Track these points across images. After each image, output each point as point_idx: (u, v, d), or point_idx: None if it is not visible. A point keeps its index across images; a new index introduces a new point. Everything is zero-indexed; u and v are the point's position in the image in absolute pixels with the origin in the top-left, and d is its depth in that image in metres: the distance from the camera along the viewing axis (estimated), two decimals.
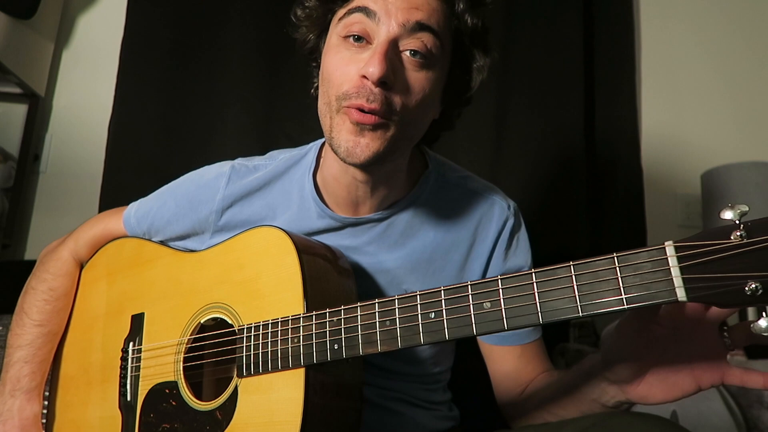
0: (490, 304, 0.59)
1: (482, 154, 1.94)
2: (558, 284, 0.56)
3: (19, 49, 1.83)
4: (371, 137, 0.74)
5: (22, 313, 1.03)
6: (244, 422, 0.77)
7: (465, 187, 0.96)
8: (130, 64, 1.92)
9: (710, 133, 2.21)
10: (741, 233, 0.48)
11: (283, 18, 0.94)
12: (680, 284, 0.50)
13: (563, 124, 1.99)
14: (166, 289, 0.94)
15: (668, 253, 0.51)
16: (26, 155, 1.93)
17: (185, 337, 0.89)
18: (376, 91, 0.72)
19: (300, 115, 1.90)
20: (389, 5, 0.74)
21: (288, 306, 0.76)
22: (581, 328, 1.62)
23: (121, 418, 0.91)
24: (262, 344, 0.77)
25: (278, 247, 0.80)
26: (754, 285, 0.46)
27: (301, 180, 0.93)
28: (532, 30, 2.03)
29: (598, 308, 0.54)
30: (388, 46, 0.73)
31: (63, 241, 1.12)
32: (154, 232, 1.02)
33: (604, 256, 0.55)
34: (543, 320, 0.57)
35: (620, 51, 2.16)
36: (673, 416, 1.16)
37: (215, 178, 0.98)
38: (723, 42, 2.28)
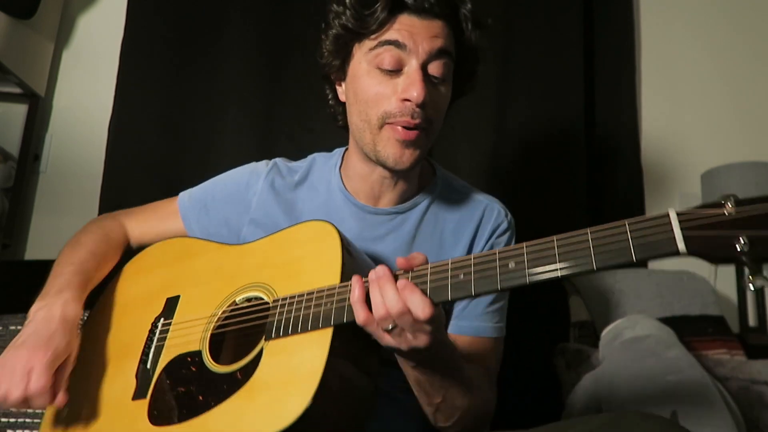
0: (515, 264, 0.69)
1: (482, 154, 1.94)
2: (576, 246, 0.66)
3: (19, 49, 1.83)
4: (413, 149, 0.91)
5: (77, 243, 1.08)
6: (264, 380, 0.78)
7: (467, 193, 1.08)
8: (130, 64, 1.92)
9: (710, 133, 2.21)
10: (731, 203, 0.59)
11: (284, 19, 0.96)
12: (680, 239, 0.60)
13: (563, 123, 2.00)
14: (207, 275, 0.98)
15: (671, 217, 0.62)
16: (26, 155, 1.93)
17: (217, 311, 0.91)
18: (417, 110, 0.88)
19: (300, 115, 1.90)
20: (415, 36, 0.89)
21: (325, 281, 0.81)
22: (581, 328, 1.62)
23: (136, 385, 0.92)
24: (296, 309, 0.81)
25: (323, 234, 0.88)
26: (743, 239, 0.57)
27: (329, 175, 1.08)
28: (532, 30, 2.03)
29: (612, 261, 0.64)
30: (422, 73, 0.89)
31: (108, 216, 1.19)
32: (205, 213, 1.10)
33: (616, 223, 0.65)
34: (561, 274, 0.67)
35: (620, 51, 2.16)
36: (673, 416, 1.16)
37: (257, 167, 1.11)
38: (723, 42, 2.28)
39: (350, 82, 0.96)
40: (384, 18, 0.89)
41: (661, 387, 1.23)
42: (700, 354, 1.52)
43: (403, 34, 0.89)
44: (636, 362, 1.30)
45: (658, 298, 1.65)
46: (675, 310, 1.63)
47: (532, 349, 1.57)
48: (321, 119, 1.86)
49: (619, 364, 1.31)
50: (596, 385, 1.31)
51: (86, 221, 1.85)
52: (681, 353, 1.34)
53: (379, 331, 0.72)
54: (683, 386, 1.23)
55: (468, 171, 1.90)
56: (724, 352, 1.58)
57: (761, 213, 0.58)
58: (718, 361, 1.49)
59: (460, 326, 1.00)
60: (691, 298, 1.67)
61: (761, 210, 0.58)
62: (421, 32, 0.89)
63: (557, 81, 2.01)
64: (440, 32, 0.90)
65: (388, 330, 0.71)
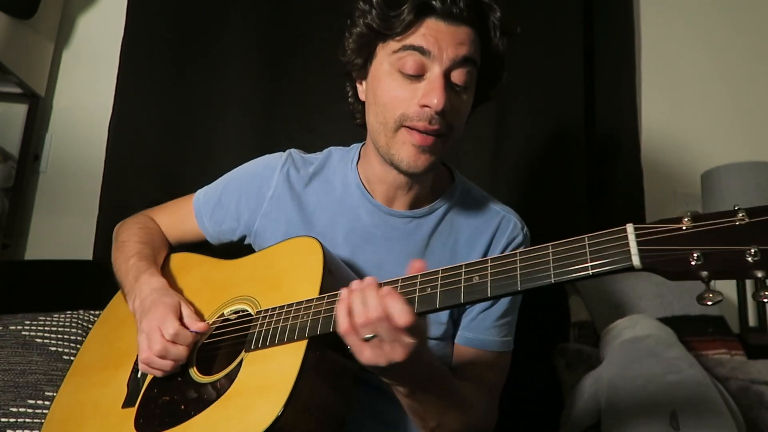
0: (479, 278, 0.70)
1: (483, 154, 1.94)
2: (540, 258, 0.67)
3: (19, 49, 1.83)
4: (429, 154, 0.90)
5: (123, 243, 1.11)
6: (242, 389, 0.81)
7: (485, 204, 1.07)
8: (130, 64, 1.91)
9: (710, 133, 2.21)
10: (688, 219, 0.60)
11: (284, 19, 0.96)
12: (636, 253, 0.60)
13: (563, 123, 2.00)
14: (200, 287, 1.01)
15: (628, 231, 0.62)
16: (26, 155, 1.93)
17: (207, 322, 0.94)
18: (436, 117, 0.87)
19: (300, 115, 1.90)
20: (441, 42, 0.86)
21: (306, 294, 0.83)
22: (581, 328, 1.62)
23: (126, 392, 0.94)
24: (275, 321, 0.83)
25: (307, 249, 0.90)
26: (696, 254, 0.57)
27: (345, 170, 1.07)
28: (532, 30, 2.03)
29: (569, 276, 0.65)
30: (444, 80, 0.87)
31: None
32: (219, 208, 1.10)
33: (577, 237, 0.66)
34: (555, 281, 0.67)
35: (620, 51, 2.16)
36: (673, 416, 1.16)
37: (273, 159, 1.10)
38: (723, 42, 2.28)
39: (371, 82, 0.95)
40: (410, 21, 0.86)
41: (661, 387, 1.23)
42: (700, 354, 1.52)
43: (428, 39, 0.86)
44: (636, 362, 1.30)
45: (658, 298, 1.65)
46: (675, 310, 1.63)
47: (532, 349, 1.57)
48: (321, 119, 1.86)
49: (619, 364, 1.31)
50: (596, 385, 1.31)
51: (86, 221, 1.86)
52: (681, 353, 1.34)
53: (359, 344, 0.71)
54: (683, 386, 1.23)
55: (468, 171, 1.88)
56: (724, 352, 1.58)
57: (714, 228, 0.58)
58: (718, 361, 1.49)
59: (466, 338, 1.00)
60: (691, 298, 1.66)
61: (715, 225, 0.58)
62: (447, 38, 0.87)
63: (557, 81, 2.01)
64: (466, 39, 0.88)
65: (367, 339, 0.70)
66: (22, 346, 1.28)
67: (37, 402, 1.22)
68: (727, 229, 0.58)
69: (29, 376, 1.24)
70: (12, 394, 1.21)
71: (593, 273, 0.63)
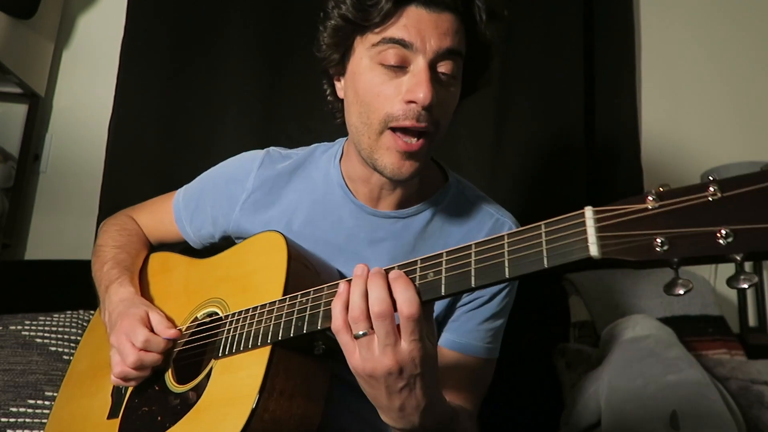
0: (433, 275, 0.64)
1: (483, 154, 1.94)
2: (496, 250, 0.61)
3: (19, 49, 1.83)
4: (415, 160, 0.83)
5: (99, 248, 1.09)
6: (211, 400, 0.79)
7: (479, 205, 1.01)
8: (130, 64, 1.92)
9: (710, 133, 2.21)
10: (654, 197, 0.52)
11: (284, 19, 0.94)
12: (594, 241, 0.53)
13: (563, 123, 2.00)
14: (176, 290, 1.00)
15: (586, 216, 0.55)
16: (26, 155, 1.93)
17: (182, 327, 0.93)
18: (423, 113, 0.80)
19: (300, 115, 1.90)
20: (423, 33, 0.79)
21: (271, 295, 0.80)
22: (581, 328, 1.62)
23: (111, 404, 0.94)
24: (240, 327, 0.81)
25: (273, 246, 0.87)
26: (660, 240, 0.50)
27: (327, 166, 1.01)
28: (533, 30, 2.03)
29: (525, 270, 0.58)
30: (429, 73, 0.80)
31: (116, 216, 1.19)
32: (198, 213, 1.07)
33: (533, 225, 0.60)
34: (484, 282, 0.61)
35: (620, 51, 2.16)
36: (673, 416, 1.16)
37: (250, 160, 1.05)
38: (723, 42, 2.28)
39: (350, 79, 0.87)
40: (389, 9, 0.79)
41: (661, 387, 1.23)
42: (700, 354, 1.52)
43: (410, 30, 0.79)
44: (636, 362, 1.30)
45: (658, 298, 1.65)
46: (675, 310, 1.63)
47: (532, 349, 1.57)
48: (321, 119, 1.86)
49: (619, 364, 1.31)
50: (596, 385, 1.31)
51: (86, 221, 1.86)
52: (681, 353, 1.33)
53: (351, 342, 0.65)
54: (683, 386, 1.23)
55: (468, 170, 1.89)
56: (724, 352, 1.58)
57: (683, 207, 0.50)
58: (718, 361, 1.49)
59: (448, 339, 0.95)
60: (691, 298, 1.67)
61: (684, 203, 0.51)
62: (430, 28, 0.79)
63: (557, 81, 2.01)
64: (451, 27, 0.81)
65: (358, 336, 0.64)
66: (22, 346, 1.28)
67: (37, 402, 1.22)
68: (697, 206, 0.50)
69: (29, 376, 1.24)
70: (12, 394, 1.21)
71: (549, 266, 0.56)
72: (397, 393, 0.65)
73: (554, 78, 2.01)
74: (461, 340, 0.95)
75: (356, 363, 0.65)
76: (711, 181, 0.50)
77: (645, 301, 1.64)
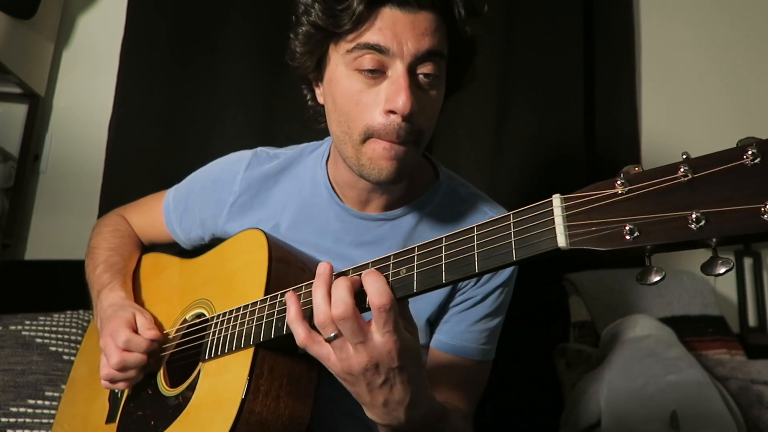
0: (405, 271, 0.62)
1: (482, 154, 1.94)
2: (466, 243, 0.58)
3: (19, 49, 1.83)
4: (401, 162, 0.79)
5: (92, 250, 1.09)
6: (199, 403, 0.79)
7: (473, 203, 0.96)
8: (130, 64, 1.91)
9: (710, 133, 2.21)
10: (622, 181, 0.49)
11: (284, 19, 0.94)
12: (562, 231, 0.50)
13: (563, 124, 2.00)
14: (166, 292, 0.99)
15: (554, 205, 0.52)
16: (26, 155, 1.93)
17: (171, 330, 0.93)
18: (404, 125, 0.76)
19: (300, 115, 1.88)
20: (400, 36, 0.75)
21: (254, 296, 0.80)
22: (581, 328, 1.62)
23: (108, 408, 0.94)
24: (224, 329, 0.81)
25: (254, 245, 0.86)
26: (629, 227, 0.47)
27: (314, 167, 0.98)
28: (533, 30, 2.03)
29: (494, 263, 0.55)
30: (408, 78, 0.75)
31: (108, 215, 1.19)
32: (186, 215, 1.07)
33: (501, 215, 0.57)
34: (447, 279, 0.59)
35: (620, 51, 2.16)
36: (673, 416, 1.16)
37: (237, 161, 1.03)
38: (723, 42, 2.28)
39: (327, 86, 0.83)
40: (361, 13, 0.74)
41: (661, 387, 1.23)
42: (700, 354, 1.52)
43: (385, 34, 0.74)
44: (636, 362, 1.30)
45: (658, 298, 1.65)
46: (675, 310, 1.63)
47: (532, 349, 1.57)
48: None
49: (619, 364, 1.31)
50: (596, 385, 1.31)
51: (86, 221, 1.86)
52: (681, 353, 1.34)
53: (323, 350, 0.64)
54: (683, 386, 1.23)
55: (468, 171, 1.89)
56: (724, 352, 1.58)
57: (654, 190, 0.47)
58: (718, 361, 1.49)
59: (440, 341, 0.93)
60: (691, 298, 1.67)
61: (655, 186, 0.47)
62: (406, 30, 0.75)
63: (557, 81, 2.01)
64: (429, 27, 0.76)
65: (329, 340, 0.62)
66: (22, 346, 1.28)
67: (37, 402, 1.22)
68: (668, 189, 0.47)
69: (29, 376, 1.24)
70: (12, 394, 1.21)
71: (518, 259, 0.53)
72: (378, 389, 0.63)
73: (554, 78, 2.01)
74: (454, 342, 0.92)
75: (334, 365, 0.64)
76: (683, 161, 0.48)
77: (645, 301, 1.64)
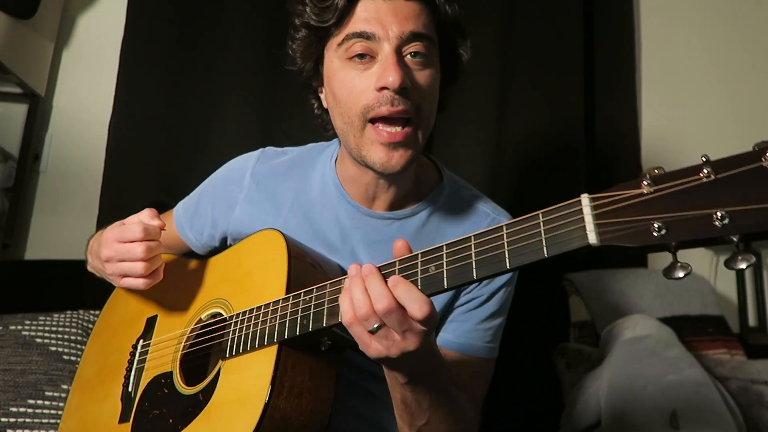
0: (435, 268, 0.64)
1: (482, 153, 1.94)
2: (495, 241, 0.61)
3: (19, 49, 1.83)
4: (403, 150, 0.82)
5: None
6: (221, 401, 0.80)
7: (476, 205, 1.00)
8: (130, 63, 1.91)
9: (710, 133, 2.21)
10: (648, 182, 0.52)
11: (283, 19, 0.95)
12: (592, 229, 0.53)
13: (563, 123, 2.00)
14: (179, 292, 0.99)
15: (583, 204, 0.55)
16: (26, 155, 1.93)
17: (186, 329, 0.93)
18: (398, 97, 0.79)
19: (300, 115, 1.90)
20: (383, 21, 0.80)
21: (274, 294, 0.81)
22: (581, 328, 1.62)
23: (121, 408, 0.94)
24: (245, 327, 0.82)
25: (271, 244, 0.87)
26: (657, 225, 0.50)
27: (323, 166, 1.01)
28: (533, 30, 2.03)
29: (525, 260, 0.58)
30: (397, 57, 0.79)
31: None
32: (198, 217, 1.08)
33: (530, 214, 0.60)
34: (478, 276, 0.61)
35: (620, 51, 2.16)
36: (673, 415, 1.16)
37: (245, 160, 1.06)
38: (723, 42, 2.28)
39: (327, 85, 0.88)
40: (343, 6, 0.80)
41: (661, 387, 1.23)
42: (700, 354, 1.52)
43: (369, 22, 0.80)
44: (636, 362, 1.30)
45: (658, 298, 1.65)
46: (675, 310, 1.63)
47: (532, 349, 1.57)
48: None
49: (619, 364, 1.31)
50: (596, 385, 1.31)
51: (86, 221, 1.86)
52: (681, 353, 1.34)
53: (365, 335, 0.66)
54: (683, 386, 1.23)
55: (468, 170, 1.89)
56: (724, 352, 1.58)
57: (678, 190, 0.50)
58: (718, 361, 1.49)
59: (447, 340, 0.94)
60: (691, 298, 1.67)
61: (678, 186, 0.51)
62: (389, 15, 0.80)
63: (557, 81, 2.01)
64: (411, 12, 0.81)
65: (373, 331, 0.64)
66: (22, 346, 1.28)
67: (37, 402, 1.22)
68: (692, 189, 0.50)
69: (29, 376, 1.24)
70: (12, 394, 1.21)
71: (549, 256, 0.56)
72: (416, 359, 0.68)
73: (554, 78, 2.01)
74: (461, 341, 0.94)
75: (377, 351, 0.66)
76: (704, 163, 0.50)
77: (645, 301, 1.64)
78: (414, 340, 0.64)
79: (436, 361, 0.73)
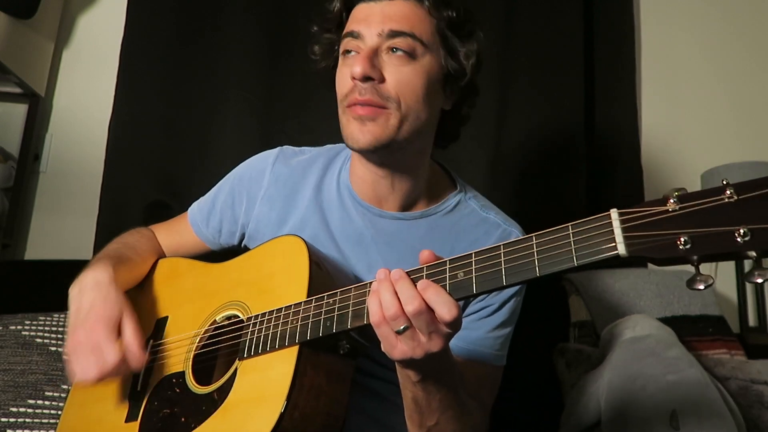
0: (463, 274, 0.67)
1: (482, 153, 1.94)
2: (525, 250, 0.65)
3: (19, 49, 1.83)
4: (373, 125, 0.87)
5: (109, 243, 1.09)
6: (238, 399, 0.80)
7: (488, 215, 1.02)
8: (130, 63, 1.92)
9: (710, 133, 2.21)
10: (675, 200, 0.57)
11: (283, 19, 0.98)
12: (621, 240, 0.58)
13: (563, 124, 2.00)
14: (191, 294, 1.00)
15: (613, 218, 0.59)
16: (26, 155, 1.93)
17: (200, 330, 0.93)
18: (365, 86, 0.86)
19: (300, 115, 1.90)
20: (369, 21, 0.89)
21: (294, 297, 0.82)
22: (581, 328, 1.62)
23: (128, 407, 0.94)
24: (265, 328, 0.82)
25: (292, 249, 0.88)
26: (683, 239, 0.55)
27: (338, 168, 1.05)
28: (533, 30, 2.03)
29: (555, 267, 0.62)
30: (369, 51, 0.87)
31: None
32: (215, 214, 1.10)
33: (560, 226, 0.63)
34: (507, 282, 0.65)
35: (620, 51, 2.16)
36: (673, 416, 1.16)
37: (264, 158, 1.09)
38: (723, 42, 2.28)
39: None
40: (339, 9, 0.93)
41: (661, 387, 1.23)
42: (700, 354, 1.52)
43: (358, 22, 0.90)
44: (636, 362, 1.30)
45: (658, 298, 1.65)
46: (675, 310, 1.63)
47: (532, 349, 1.57)
48: (320, 117, 1.86)
49: (619, 364, 1.31)
50: (596, 385, 1.31)
51: (86, 221, 1.87)
52: (681, 353, 1.33)
53: (392, 336, 0.67)
54: (683, 386, 1.23)
55: (468, 171, 1.89)
56: (724, 352, 1.58)
57: (702, 208, 0.55)
58: (718, 361, 1.49)
59: (457, 346, 0.95)
60: (691, 298, 1.67)
61: (702, 205, 0.55)
62: (375, 15, 0.89)
63: (557, 81, 2.01)
64: (399, 12, 0.88)
65: (400, 332, 0.66)
66: (22, 346, 1.28)
67: (37, 402, 1.22)
68: (715, 208, 0.55)
69: (29, 376, 1.24)
70: (12, 394, 1.21)
71: (579, 264, 0.60)
72: (435, 360, 0.70)
73: (554, 78, 2.01)
74: (471, 348, 0.95)
75: (403, 352, 0.67)
76: (727, 185, 0.55)
77: (645, 301, 1.64)
78: (439, 342, 0.67)
79: (449, 362, 0.75)
